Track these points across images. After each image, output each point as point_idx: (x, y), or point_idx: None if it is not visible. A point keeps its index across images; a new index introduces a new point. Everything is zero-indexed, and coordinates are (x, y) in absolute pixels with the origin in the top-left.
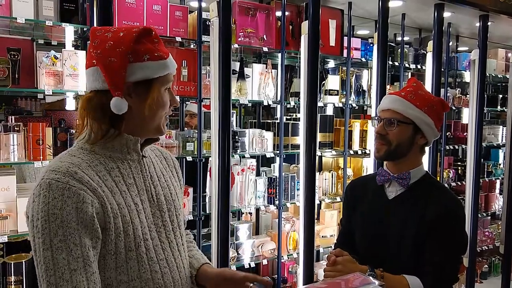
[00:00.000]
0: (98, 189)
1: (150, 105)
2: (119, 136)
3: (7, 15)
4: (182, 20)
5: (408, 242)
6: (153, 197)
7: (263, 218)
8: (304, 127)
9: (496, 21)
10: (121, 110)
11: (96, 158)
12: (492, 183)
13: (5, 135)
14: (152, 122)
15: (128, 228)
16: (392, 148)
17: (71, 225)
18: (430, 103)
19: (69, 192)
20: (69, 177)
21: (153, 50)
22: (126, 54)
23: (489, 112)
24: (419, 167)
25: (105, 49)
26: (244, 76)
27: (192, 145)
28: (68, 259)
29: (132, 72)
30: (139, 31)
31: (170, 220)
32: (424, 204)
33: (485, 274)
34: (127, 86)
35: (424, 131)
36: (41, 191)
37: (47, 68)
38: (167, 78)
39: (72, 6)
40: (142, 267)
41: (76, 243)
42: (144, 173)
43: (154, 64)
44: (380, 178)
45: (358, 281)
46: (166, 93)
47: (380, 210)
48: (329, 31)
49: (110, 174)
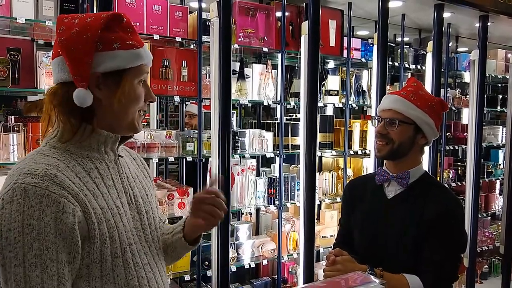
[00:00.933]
0: (80, 194)
1: (121, 99)
2: (95, 133)
3: (7, 15)
4: (182, 20)
5: (408, 241)
6: (132, 199)
7: (263, 219)
8: (304, 128)
9: (496, 21)
10: (85, 103)
11: (73, 158)
12: (492, 184)
13: (5, 135)
14: (124, 117)
15: (114, 233)
16: (395, 147)
17: (48, 238)
18: (430, 103)
19: (48, 199)
20: (48, 181)
21: (125, 38)
22: (92, 41)
23: (489, 112)
24: (418, 167)
25: (70, 36)
26: (244, 76)
27: (192, 145)
28: (42, 276)
29: (101, 62)
30: (108, 16)
31: (148, 223)
32: (423, 203)
33: (485, 274)
34: (95, 77)
35: (425, 131)
36: (15, 198)
37: (47, 68)
38: (140, 70)
39: (72, 6)
40: (129, 274)
41: (52, 259)
42: (122, 174)
43: (125, 53)
44: (379, 177)
45: (358, 279)
46: (140, 87)
47: (379, 209)
48: (329, 32)
49: (89, 176)
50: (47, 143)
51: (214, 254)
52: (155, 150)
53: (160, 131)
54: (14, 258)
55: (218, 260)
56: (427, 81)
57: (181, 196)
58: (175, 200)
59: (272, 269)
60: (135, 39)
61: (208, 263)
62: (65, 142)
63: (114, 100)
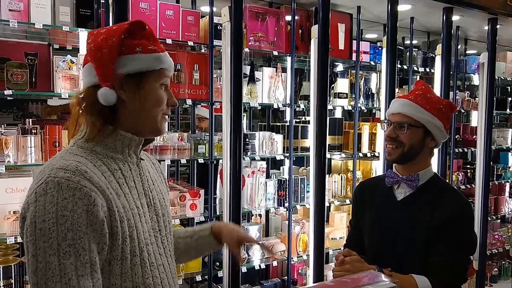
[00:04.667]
0: (106, 191)
1: (142, 100)
2: (118, 134)
3: (25, 20)
4: (194, 24)
5: (417, 243)
6: (151, 202)
7: (273, 220)
8: (314, 130)
9: (505, 24)
10: (109, 101)
11: (99, 158)
12: (502, 186)
13: (23, 138)
14: (147, 119)
15: (133, 232)
16: (406, 150)
17: (81, 229)
18: (439, 106)
19: (80, 193)
20: (80, 176)
21: (147, 44)
22: (116, 45)
23: (498, 115)
24: (427, 169)
25: (97, 43)
26: (254, 79)
27: (203, 148)
28: (76, 264)
29: (124, 64)
30: (132, 22)
31: (164, 225)
32: (433, 205)
33: (495, 277)
34: (119, 78)
35: (434, 133)
36: (48, 191)
37: (63, 72)
38: (161, 73)
39: (88, 12)
40: (146, 273)
41: (85, 248)
42: (142, 177)
43: (146, 56)
44: (389, 179)
45: (367, 278)
46: (162, 90)
47: (388, 211)
48: (338, 35)
49: (113, 175)
50: (75, 143)
51: (225, 254)
52: (167, 152)
53: (173, 134)
54: (49, 248)
55: (229, 261)
56: (436, 84)
57: (193, 197)
58: (187, 202)
59: (282, 270)
60: (156, 45)
61: (219, 264)
62: (91, 141)
63: (136, 101)
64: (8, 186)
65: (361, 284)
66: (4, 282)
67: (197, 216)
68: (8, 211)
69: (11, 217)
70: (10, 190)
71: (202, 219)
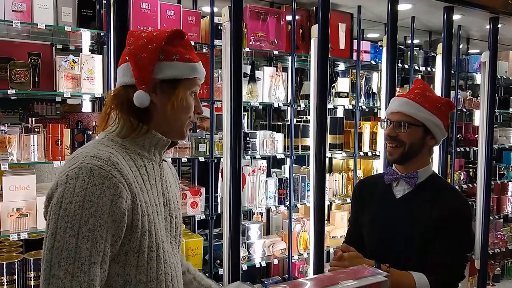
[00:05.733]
0: (132, 184)
1: (173, 105)
2: (150, 133)
3: (28, 21)
4: (194, 24)
5: (415, 240)
6: (167, 202)
7: (274, 219)
8: (314, 129)
9: (507, 23)
10: (143, 104)
11: (127, 153)
12: (504, 186)
13: (26, 136)
14: (174, 123)
15: (152, 228)
16: (406, 149)
17: (103, 217)
18: (438, 105)
19: (109, 182)
20: (111, 166)
21: (183, 52)
22: (156, 51)
23: (501, 114)
24: (427, 167)
25: (137, 46)
26: (255, 79)
27: (204, 146)
28: (91, 250)
29: (160, 70)
30: (172, 31)
31: (175, 227)
32: (431, 203)
33: (498, 277)
34: (154, 83)
35: (433, 132)
36: (80, 175)
37: (65, 72)
38: (193, 82)
39: (89, 12)
40: (160, 269)
41: (102, 236)
42: (162, 177)
43: (182, 65)
44: (388, 177)
45: (363, 271)
46: (192, 98)
47: (387, 209)
48: (339, 35)
49: (139, 171)
50: (106, 136)
51: (226, 253)
52: (168, 151)
53: None
54: (70, 229)
55: (229, 259)
56: (437, 83)
57: (194, 195)
58: (188, 200)
59: (283, 268)
60: (192, 55)
61: (220, 262)
62: (124, 137)
63: (167, 105)
64: (12, 184)
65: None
66: (8, 278)
67: (198, 214)
68: (11, 208)
69: (14, 214)
70: (14, 187)
71: (203, 217)
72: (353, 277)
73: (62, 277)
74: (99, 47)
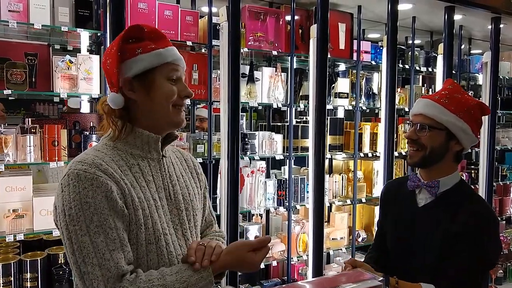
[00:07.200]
0: (121, 181)
1: (153, 96)
2: (139, 132)
3: (24, 21)
4: (193, 24)
5: (433, 252)
6: (171, 196)
7: (273, 220)
8: (313, 130)
9: (508, 23)
10: (117, 104)
11: (118, 154)
12: (507, 187)
13: (22, 137)
14: (159, 113)
15: (148, 221)
16: (427, 154)
17: (104, 212)
18: (466, 107)
19: (97, 182)
20: (95, 168)
21: (147, 44)
22: (116, 52)
23: (504, 115)
24: (452, 175)
25: (105, 55)
26: (254, 79)
27: (202, 147)
28: (106, 241)
29: (129, 68)
30: (127, 29)
31: (187, 219)
32: (452, 215)
33: (500, 279)
34: (127, 82)
35: (458, 137)
36: (70, 182)
37: (62, 72)
38: (166, 68)
39: (86, 12)
40: (162, 260)
41: (111, 227)
42: (163, 172)
43: (146, 56)
44: (411, 183)
45: (361, 276)
46: (169, 84)
47: (409, 216)
48: (339, 35)
49: (130, 170)
50: (102, 141)
51: None
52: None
53: None
54: (79, 230)
55: None
56: (438, 84)
57: None
58: None
59: (282, 270)
60: (158, 43)
61: None
62: (114, 140)
63: (146, 99)
64: (8, 185)
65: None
66: (4, 279)
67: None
68: (7, 209)
69: (10, 215)
70: (10, 188)
71: None
72: (352, 281)
73: (91, 271)
74: (97, 47)
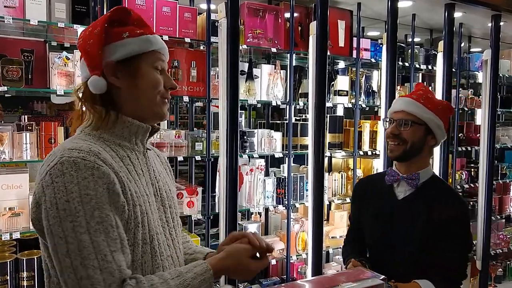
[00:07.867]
0: (119, 173)
1: (137, 84)
2: (126, 122)
3: (20, 17)
4: (191, 21)
5: (414, 242)
6: (157, 192)
7: (272, 219)
8: (312, 128)
9: (509, 21)
10: (99, 89)
11: (107, 145)
12: (507, 185)
13: (18, 134)
14: (145, 103)
15: (144, 219)
16: (408, 148)
17: (105, 207)
18: (440, 107)
19: (98, 172)
20: (94, 156)
21: (134, 29)
22: (100, 34)
23: (503, 113)
24: (427, 168)
25: (84, 36)
26: (252, 76)
27: (201, 145)
28: (107, 241)
29: (113, 51)
30: (113, 9)
31: (171, 217)
32: (432, 205)
33: (500, 277)
34: (111, 66)
35: (435, 132)
36: (66, 171)
37: (59, 69)
38: (153, 56)
39: (83, 8)
40: (156, 262)
41: (112, 225)
42: (149, 166)
43: (134, 40)
44: (389, 178)
45: (361, 274)
46: (156, 73)
47: (389, 209)
48: (338, 32)
49: (122, 161)
50: (82, 131)
51: None
52: (164, 150)
53: (170, 131)
54: (78, 227)
55: None
56: (438, 82)
57: (190, 195)
58: (184, 199)
59: (282, 269)
60: (145, 29)
61: None
62: (97, 129)
63: (131, 86)
64: (4, 183)
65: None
66: (0, 278)
67: (195, 214)
68: (3, 207)
69: (6, 214)
70: (6, 186)
71: (200, 216)
72: (352, 280)
73: (91, 275)
74: None
